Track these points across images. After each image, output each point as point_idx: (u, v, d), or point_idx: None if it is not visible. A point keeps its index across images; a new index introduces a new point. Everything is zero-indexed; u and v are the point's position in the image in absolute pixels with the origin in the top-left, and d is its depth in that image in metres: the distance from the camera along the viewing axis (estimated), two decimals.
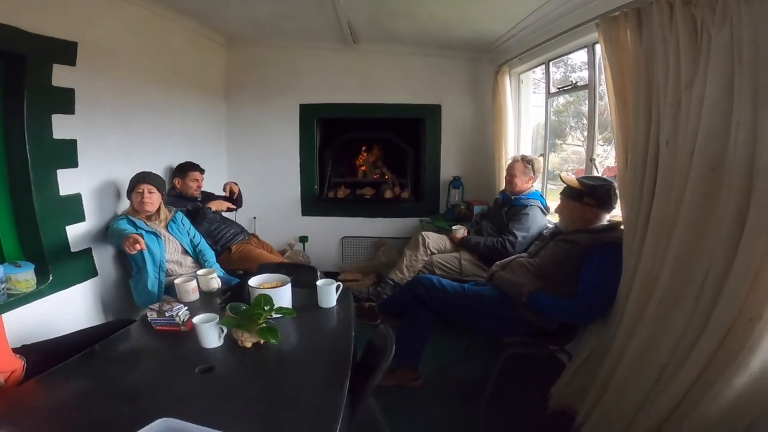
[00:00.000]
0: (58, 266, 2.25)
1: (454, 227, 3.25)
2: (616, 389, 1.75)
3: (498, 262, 2.41)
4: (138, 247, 2.13)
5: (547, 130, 3.53)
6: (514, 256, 2.40)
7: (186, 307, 1.74)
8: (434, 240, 3.21)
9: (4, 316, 1.89)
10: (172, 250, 2.65)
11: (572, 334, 2.13)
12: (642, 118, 1.74)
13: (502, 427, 2.08)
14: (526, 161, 3.01)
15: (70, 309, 2.35)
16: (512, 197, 3.04)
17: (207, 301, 1.98)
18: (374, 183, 4.59)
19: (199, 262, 2.74)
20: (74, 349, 1.50)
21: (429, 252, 3.13)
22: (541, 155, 3.37)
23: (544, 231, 2.66)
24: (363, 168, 4.70)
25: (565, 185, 2.23)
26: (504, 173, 3.24)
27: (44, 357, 1.53)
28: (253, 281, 1.85)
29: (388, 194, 4.45)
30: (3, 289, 1.96)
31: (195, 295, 1.96)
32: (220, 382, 1.35)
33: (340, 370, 1.37)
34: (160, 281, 2.48)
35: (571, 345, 2.18)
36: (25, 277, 2.08)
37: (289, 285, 1.81)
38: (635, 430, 1.63)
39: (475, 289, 2.27)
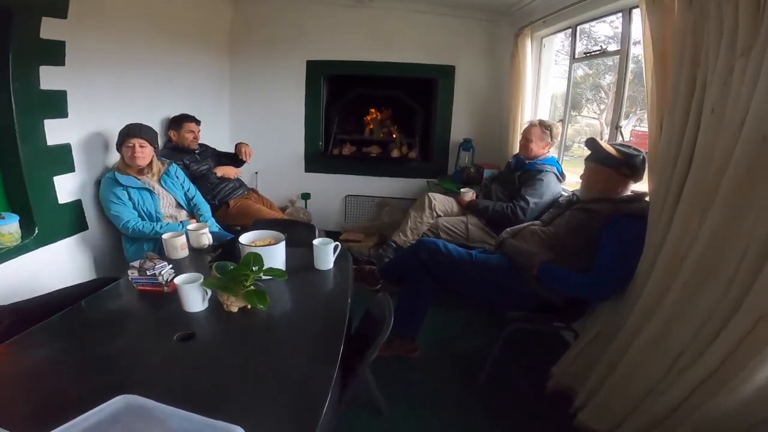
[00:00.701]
0: (44, 218, 2.10)
1: (462, 190, 3.05)
2: (623, 373, 1.60)
3: (508, 229, 2.22)
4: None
5: (568, 96, 3.25)
6: (525, 224, 2.21)
7: (170, 266, 1.57)
8: (441, 202, 3.01)
9: None
10: (166, 205, 2.49)
11: (581, 311, 1.97)
12: (684, 86, 1.52)
13: (499, 405, 1.97)
14: (545, 126, 2.77)
15: (57, 265, 2.21)
16: (526, 162, 2.81)
17: (197, 258, 1.82)
18: (381, 142, 4.34)
19: (195, 216, 2.59)
20: (52, 311, 1.36)
21: (435, 214, 2.94)
22: (560, 121, 3.12)
23: (560, 199, 2.45)
24: (370, 126, 4.45)
25: (595, 151, 1.99)
26: (518, 138, 3.03)
27: (20, 319, 1.38)
28: (243, 238, 1.68)
29: (396, 153, 4.23)
30: None
31: (184, 252, 1.80)
32: (200, 350, 1.21)
33: (333, 342, 1.21)
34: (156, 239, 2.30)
35: (578, 323, 2.02)
36: (9, 229, 1.93)
37: (283, 243, 1.64)
38: (638, 419, 1.51)
39: (483, 256, 2.09)
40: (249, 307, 1.39)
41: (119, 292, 1.54)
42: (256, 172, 3.96)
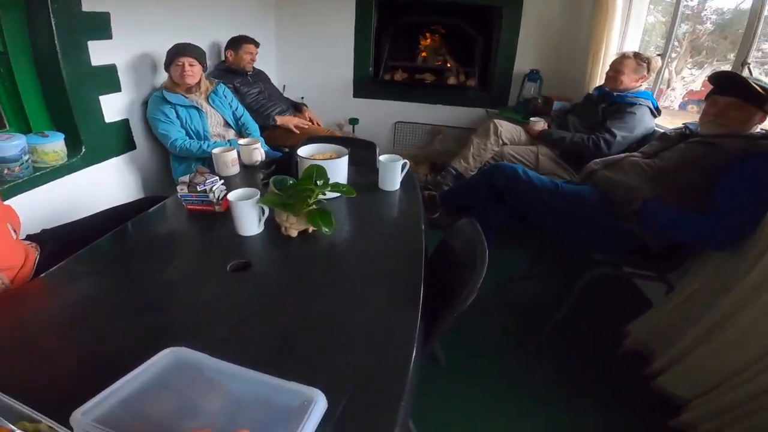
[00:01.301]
0: (91, 137, 2.00)
1: (532, 119, 2.72)
2: (724, 340, 1.31)
3: (597, 160, 1.87)
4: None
5: (673, 28, 2.67)
6: (622, 155, 1.85)
7: (222, 181, 1.36)
8: (508, 130, 2.66)
9: (32, 194, 1.72)
10: (214, 123, 2.34)
11: (680, 262, 1.63)
12: None
13: (565, 360, 1.71)
14: (641, 59, 2.38)
15: (105, 185, 2.13)
16: (614, 94, 2.43)
17: (248, 176, 1.60)
18: (435, 69, 3.98)
19: (243, 135, 2.43)
20: (96, 234, 1.19)
21: (501, 142, 2.60)
22: (659, 55, 2.61)
23: (667, 131, 2.03)
24: (423, 54, 4.04)
25: (739, 87, 1.58)
26: (599, 71, 2.78)
27: (63, 244, 1.25)
28: (302, 151, 1.43)
29: (452, 81, 3.86)
30: (27, 161, 1.69)
31: (234, 168, 1.59)
32: (256, 284, 1.00)
33: (412, 280, 0.98)
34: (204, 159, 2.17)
35: (674, 275, 1.68)
36: (54, 148, 1.81)
37: (347, 158, 1.38)
38: (730, 393, 1.24)
39: (571, 187, 1.76)
40: (310, 230, 1.18)
41: (167, 213, 1.36)
42: (302, 98, 3.68)
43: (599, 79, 2.80)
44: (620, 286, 2.09)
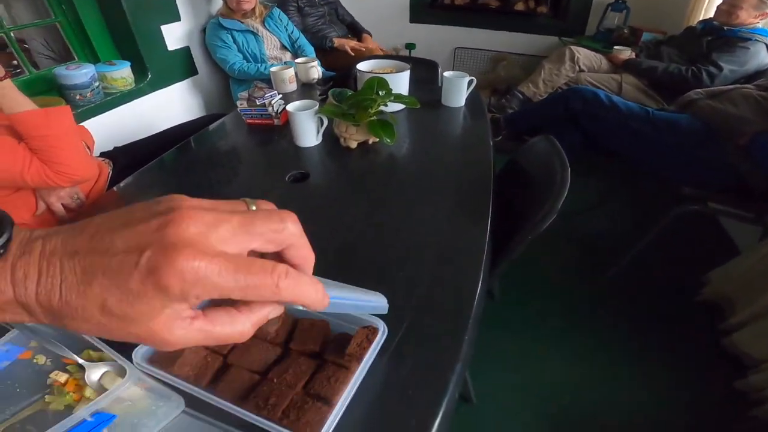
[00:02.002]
0: (155, 64, 2.07)
1: (616, 47, 2.42)
2: None
3: (699, 90, 1.60)
4: None
5: None
6: (732, 86, 1.57)
7: (280, 95, 1.32)
8: (586, 56, 2.37)
9: (104, 116, 1.82)
10: (271, 47, 2.28)
11: None
12: None
13: (629, 304, 1.55)
14: None
15: (170, 108, 2.20)
16: (724, 28, 2.06)
17: (306, 93, 1.53)
18: None
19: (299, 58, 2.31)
20: (163, 149, 1.21)
21: (577, 68, 2.32)
22: None
23: None
24: None
25: None
26: (707, 3, 2.36)
27: (133, 159, 1.29)
28: (362, 65, 1.33)
29: (520, 6, 3.42)
30: (98, 87, 1.80)
31: (292, 86, 1.53)
32: (315, 195, 0.96)
33: (479, 195, 0.89)
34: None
35: None
36: (121, 74, 1.90)
37: (408, 72, 1.27)
38: None
39: (666, 115, 1.53)
40: (370, 142, 1.10)
41: (227, 129, 1.34)
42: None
43: (703, 13, 2.41)
44: (705, 228, 1.86)
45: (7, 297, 0.22)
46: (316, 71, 1.58)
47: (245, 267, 0.22)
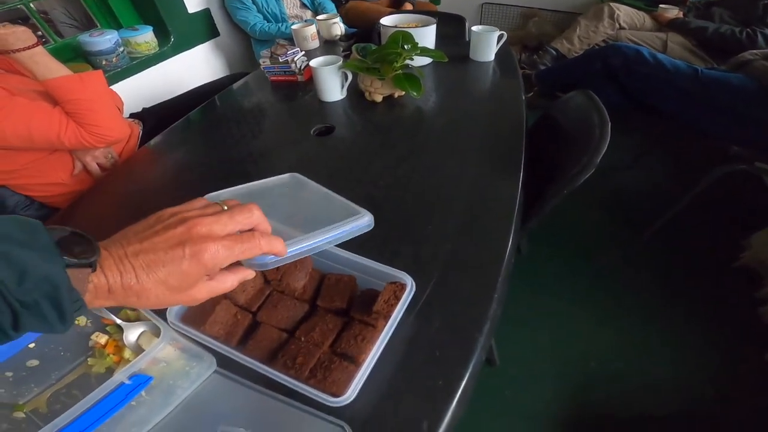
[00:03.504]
0: (177, 28, 2.04)
1: (662, 5, 2.24)
2: None
3: (754, 51, 1.47)
4: None
5: None
6: None
7: (303, 52, 1.27)
8: (627, 14, 2.20)
9: (131, 80, 1.83)
10: (290, 5, 2.20)
11: None
12: None
13: (663, 266, 1.47)
14: None
15: (194, 70, 2.18)
16: None
17: (328, 50, 1.48)
18: None
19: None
20: (189, 108, 1.22)
21: (617, 26, 2.15)
22: None
23: None
24: None
25: None
26: None
27: (161, 119, 1.30)
28: (386, 20, 1.26)
29: None
30: (123, 52, 1.81)
31: (314, 43, 1.48)
32: (340, 147, 0.93)
33: (511, 148, 0.85)
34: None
35: None
36: (145, 39, 1.90)
37: (434, 27, 1.19)
38: None
39: (716, 73, 1.41)
40: (396, 96, 1.06)
41: (251, 86, 1.32)
42: None
43: None
44: (749, 190, 1.73)
45: (103, 288, 0.32)
46: (338, 27, 1.52)
47: (240, 239, 0.37)
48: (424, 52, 1.03)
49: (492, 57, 1.26)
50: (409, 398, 0.46)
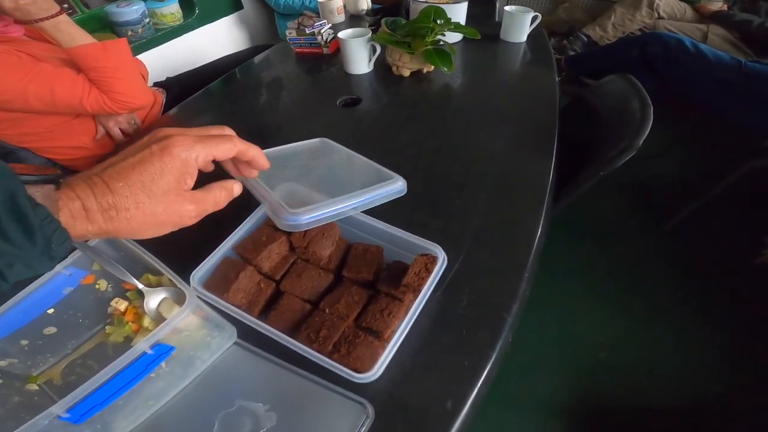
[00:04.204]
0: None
1: None
2: None
3: None
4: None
5: None
6: None
7: (330, 25, 1.23)
8: (667, 3, 2.08)
9: (156, 50, 1.82)
10: None
11: None
12: None
13: (683, 260, 1.41)
14: None
15: (218, 42, 2.14)
16: None
17: (354, 24, 1.44)
18: None
19: None
20: (213, 77, 1.21)
21: (656, 15, 2.05)
22: None
23: None
24: None
25: None
26: None
27: (185, 88, 1.29)
28: None
29: None
30: (149, 23, 1.79)
31: (340, 16, 1.43)
32: (367, 118, 0.90)
33: (543, 126, 0.81)
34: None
35: None
36: (170, 10, 1.88)
37: (466, 4, 1.14)
38: None
39: (760, 67, 1.34)
40: (424, 71, 1.02)
41: (274, 58, 1.29)
42: None
43: None
44: None
45: (77, 208, 0.29)
46: (365, 2, 1.47)
47: (209, 133, 0.35)
48: (458, 28, 0.99)
49: (524, 38, 1.21)
50: (434, 377, 0.44)
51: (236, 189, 0.39)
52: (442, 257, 0.48)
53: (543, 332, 1.24)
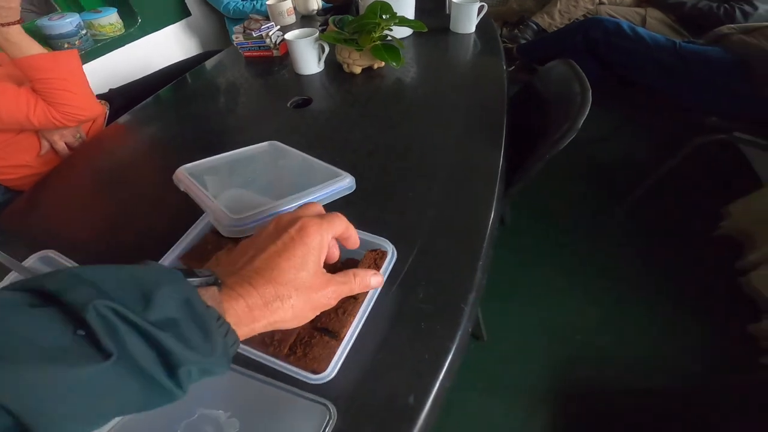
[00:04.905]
0: (144, 8, 1.93)
1: None
2: None
3: (732, 25, 1.46)
4: None
5: None
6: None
7: (278, 27, 1.22)
8: None
9: (97, 62, 1.74)
10: None
11: None
12: None
13: (644, 236, 1.47)
14: None
15: (165, 50, 2.07)
16: None
17: (305, 25, 1.42)
18: None
19: None
20: (160, 87, 1.18)
21: (597, 1, 2.12)
22: None
23: None
24: None
25: None
26: None
27: (129, 99, 1.27)
28: None
29: None
30: (86, 35, 1.71)
31: (291, 18, 1.41)
32: (319, 118, 0.89)
33: (492, 114, 0.82)
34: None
35: None
36: (109, 21, 1.81)
37: None
38: None
39: (695, 47, 1.40)
40: (375, 67, 1.02)
41: (225, 63, 1.25)
42: None
43: None
44: (728, 160, 1.75)
45: (241, 307, 0.29)
46: (315, 2, 1.45)
47: (324, 215, 0.37)
48: (403, 22, 0.99)
49: (473, 29, 1.22)
50: (395, 373, 0.44)
51: (374, 282, 0.40)
52: (391, 251, 0.48)
53: (520, 319, 1.26)
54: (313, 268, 0.33)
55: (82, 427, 0.21)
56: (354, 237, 0.40)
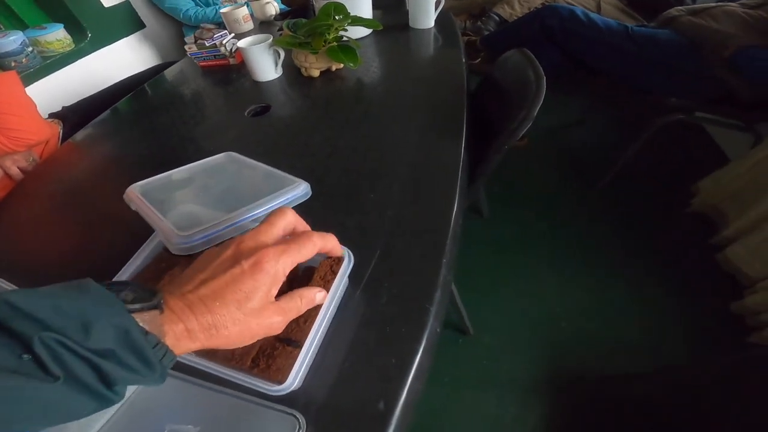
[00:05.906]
0: (93, 23, 1.90)
1: None
2: None
3: (680, 7, 1.50)
4: None
5: None
6: (714, 4, 1.47)
7: (232, 34, 1.19)
8: None
9: (48, 80, 1.68)
10: None
11: None
12: None
13: (619, 218, 1.51)
14: None
15: (120, 63, 2.01)
16: None
17: (263, 31, 1.39)
18: None
19: None
20: (115, 101, 1.14)
21: None
22: None
23: None
24: None
25: None
26: None
27: (84, 116, 1.22)
28: None
29: None
30: (32, 52, 1.65)
31: (248, 25, 1.38)
32: (277, 124, 0.88)
33: (452, 109, 0.82)
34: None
35: (765, 126, 1.37)
36: (56, 37, 1.76)
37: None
38: None
39: (646, 30, 1.44)
40: (333, 69, 1.01)
41: (182, 73, 1.22)
42: None
43: None
44: (693, 139, 1.81)
45: (180, 330, 0.30)
46: (272, 7, 1.43)
47: (292, 241, 0.36)
48: (357, 21, 0.98)
49: (431, 23, 1.23)
50: (363, 380, 0.43)
51: (319, 298, 0.40)
52: (347, 256, 0.47)
53: (504, 310, 1.28)
54: (259, 303, 0.33)
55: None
56: (335, 247, 0.40)
